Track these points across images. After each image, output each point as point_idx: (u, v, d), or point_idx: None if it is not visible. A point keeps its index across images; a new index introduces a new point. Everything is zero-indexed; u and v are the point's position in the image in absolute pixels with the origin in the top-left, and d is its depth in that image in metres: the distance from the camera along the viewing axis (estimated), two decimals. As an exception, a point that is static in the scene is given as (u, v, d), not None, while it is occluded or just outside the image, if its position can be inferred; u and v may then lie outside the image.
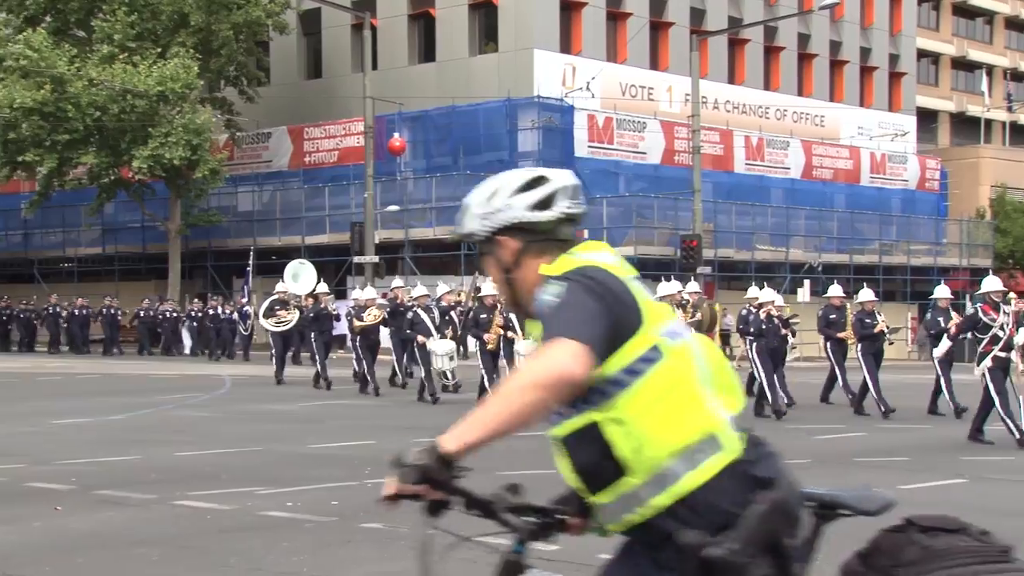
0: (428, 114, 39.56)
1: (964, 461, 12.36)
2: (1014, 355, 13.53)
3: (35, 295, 40.88)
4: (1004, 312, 13.66)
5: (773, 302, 17.31)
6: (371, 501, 9.56)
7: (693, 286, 18.25)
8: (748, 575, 2.70)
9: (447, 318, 19.53)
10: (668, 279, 20.14)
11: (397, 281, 21.87)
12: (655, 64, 43.04)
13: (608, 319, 2.76)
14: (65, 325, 38.12)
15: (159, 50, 37.40)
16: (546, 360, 2.68)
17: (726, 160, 42.48)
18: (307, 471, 10.88)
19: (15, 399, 19.59)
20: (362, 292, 22.19)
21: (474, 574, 4.80)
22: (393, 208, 36.72)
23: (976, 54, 61.16)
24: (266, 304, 23.68)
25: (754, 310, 18.53)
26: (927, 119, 57.43)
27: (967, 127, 60.26)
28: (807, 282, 37.36)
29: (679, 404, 2.79)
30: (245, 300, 34.39)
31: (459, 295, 22.07)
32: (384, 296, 22.22)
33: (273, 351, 23.34)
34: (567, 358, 2.66)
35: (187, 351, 36.92)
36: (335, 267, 38.28)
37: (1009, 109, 58.36)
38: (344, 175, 39.95)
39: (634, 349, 2.79)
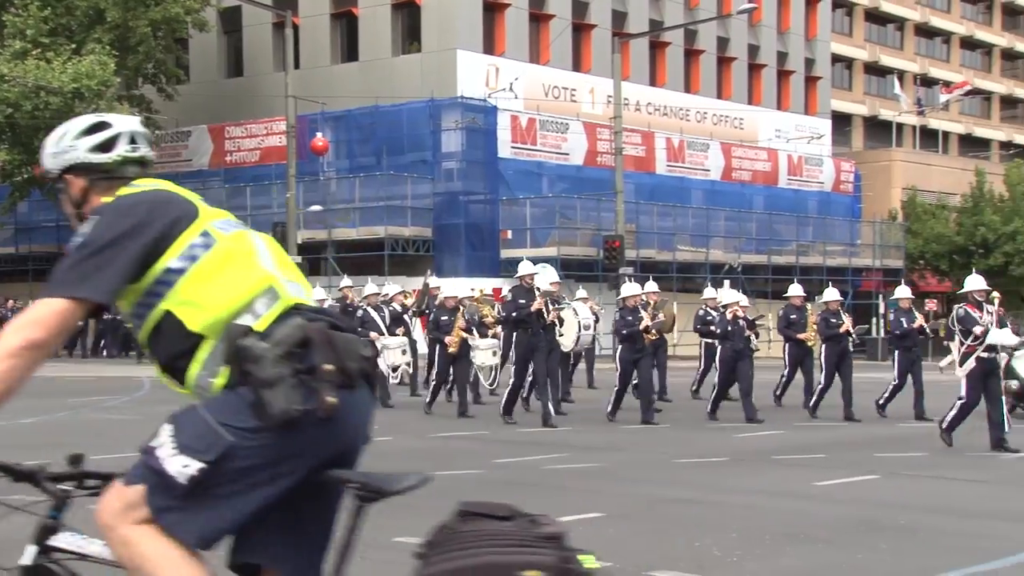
0: (351, 114, 39.33)
1: (878, 458, 12.54)
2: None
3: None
4: (988, 312, 13.23)
5: (738, 302, 16.79)
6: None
7: (652, 286, 17.79)
8: (264, 364, 2.92)
9: (397, 319, 19.02)
10: (616, 279, 19.96)
11: (346, 280, 21.14)
12: (577, 66, 43.26)
13: (139, 239, 3.04)
14: (-27, 327, 37.14)
15: (74, 46, 36.46)
16: (19, 325, 2.99)
17: (647, 161, 42.83)
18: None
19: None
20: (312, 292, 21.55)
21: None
22: (316, 208, 36.45)
23: (887, 59, 62.40)
24: None
25: (712, 311, 18.48)
26: (841, 122, 58.46)
27: (879, 130, 61.45)
28: (727, 282, 37.82)
29: (237, 272, 3.10)
30: None
31: (406, 296, 21.21)
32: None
33: None
34: (36, 326, 2.97)
35: (104, 353, 36.18)
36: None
37: (920, 113, 59.58)
38: (266, 175, 39.56)
39: (187, 238, 3.11)
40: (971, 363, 12.93)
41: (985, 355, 12.91)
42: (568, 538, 2.97)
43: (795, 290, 18.21)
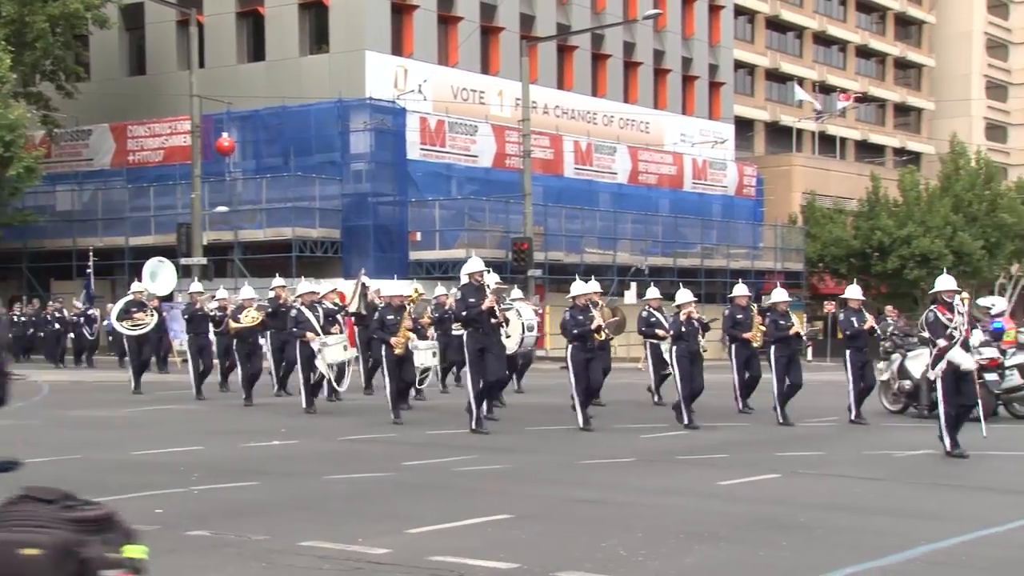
0: (258, 114, 38.84)
1: (778, 457, 12.74)
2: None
3: None
4: (959, 312, 12.71)
5: (693, 303, 16.24)
6: (198, 508, 9.36)
7: (595, 286, 17.07)
8: None
9: (331, 319, 18.14)
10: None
11: (278, 280, 20.34)
12: (486, 68, 43.28)
13: None
14: None
15: None
16: None
17: (556, 164, 43.02)
18: (129, 478, 10.49)
19: None
20: (240, 292, 20.06)
21: None
22: (222, 209, 35.90)
23: (788, 66, 63.51)
24: (120, 306, 21.47)
25: (655, 311, 18.32)
26: (744, 127, 59.30)
27: (780, 136, 62.47)
28: (634, 284, 38.17)
29: None
30: (87, 305, 32.67)
31: (337, 293, 20.37)
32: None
33: (128, 356, 21.26)
34: None
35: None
36: (161, 268, 37.32)
37: (818, 119, 60.76)
38: (170, 175, 38.81)
39: None
40: (943, 364, 12.56)
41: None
42: (114, 523, 3.13)
43: (740, 290, 17.78)
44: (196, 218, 33.08)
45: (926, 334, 14.17)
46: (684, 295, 16.24)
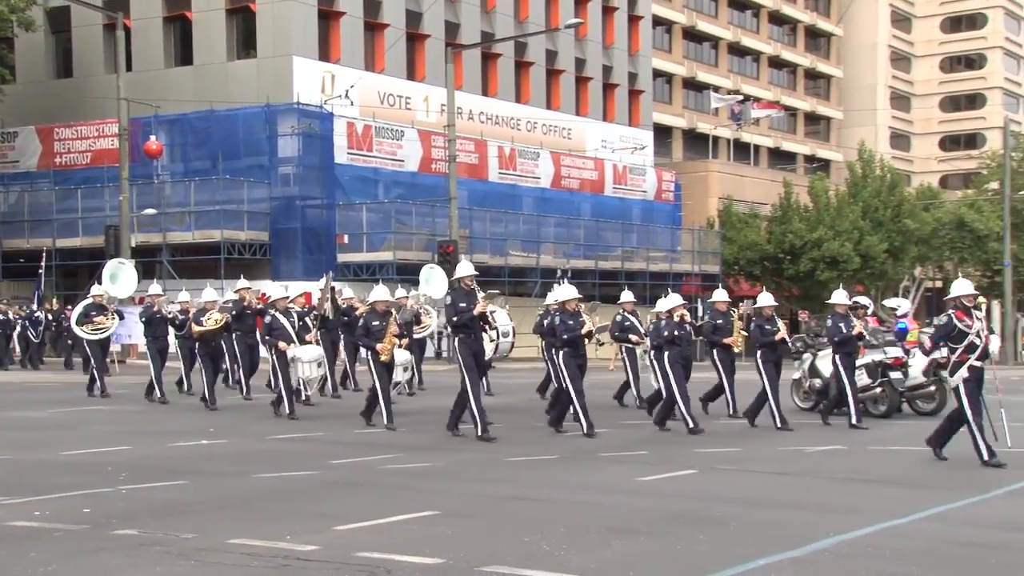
0: (186, 117, 38.31)
1: (696, 454, 12.88)
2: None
3: None
4: (977, 318, 11.98)
5: (684, 306, 15.49)
6: (126, 507, 9.22)
7: (571, 291, 15.66)
8: None
9: (303, 323, 17.12)
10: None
11: (243, 281, 19.48)
12: (412, 74, 43.16)
13: None
14: None
15: None
16: None
17: (480, 169, 43.03)
18: (58, 478, 10.32)
19: None
20: (202, 294, 19.13)
21: None
22: (150, 212, 35.35)
23: (704, 75, 64.25)
24: (80, 309, 20.61)
25: (629, 315, 17.74)
26: (662, 134, 59.85)
27: (697, 143, 63.14)
28: (556, 286, 38.25)
29: None
30: (35, 306, 31.79)
31: (304, 296, 19.75)
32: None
33: (93, 361, 20.24)
34: None
35: None
36: (89, 270, 36.65)
37: (736, 125, 61.47)
38: (98, 177, 38.19)
39: None
40: (964, 372, 11.89)
41: (978, 364, 11.95)
42: None
43: (720, 295, 17.32)
44: (124, 220, 32.53)
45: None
46: (674, 299, 15.44)
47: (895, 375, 17.46)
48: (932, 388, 17.73)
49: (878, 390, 17.76)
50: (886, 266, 51.08)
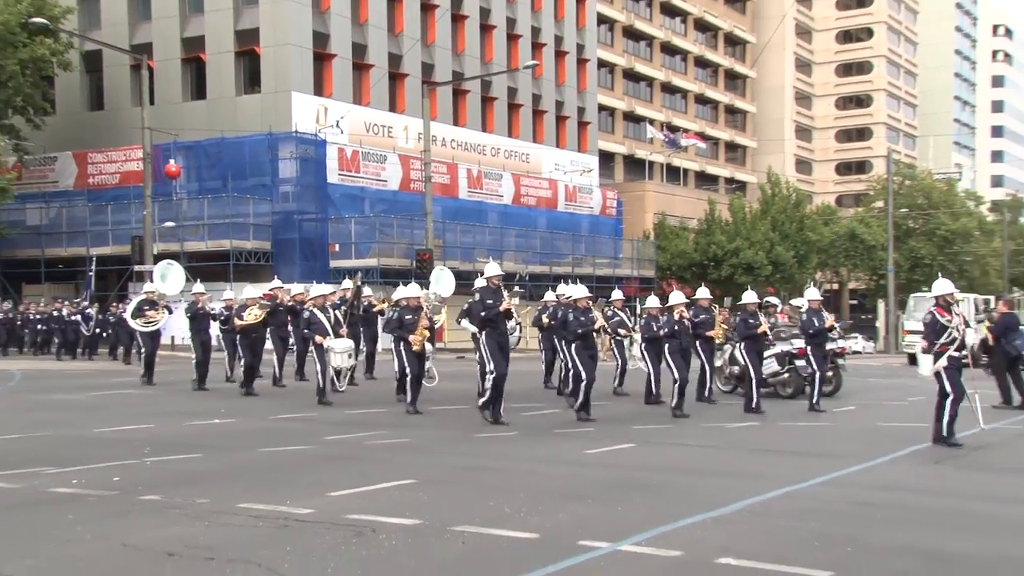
0: (200, 144, 38.04)
1: (635, 430, 12.84)
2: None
3: None
4: (955, 313, 11.60)
5: (681, 303, 15.06)
6: (149, 476, 9.12)
7: (582, 290, 14.97)
8: None
9: (336, 318, 16.32)
10: (406, 284, 16.26)
11: (276, 281, 18.89)
12: (393, 107, 43.05)
13: None
14: None
15: None
16: None
17: (452, 188, 42.98)
18: (91, 452, 10.20)
19: None
20: (243, 291, 18.53)
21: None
22: (169, 224, 35.06)
23: (641, 109, 64.51)
24: (134, 304, 20.04)
25: (618, 311, 17.30)
26: (606, 159, 60.05)
27: (635, 166, 63.42)
28: (517, 288, 38.22)
29: None
30: (86, 303, 31.12)
31: (343, 293, 19.15)
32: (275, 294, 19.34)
33: (144, 350, 19.45)
34: None
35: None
36: (117, 275, 36.42)
37: (669, 148, 61.75)
38: (125, 195, 37.93)
39: None
40: (943, 362, 11.43)
41: (956, 354, 11.45)
42: None
43: (701, 293, 16.56)
44: (148, 232, 32.24)
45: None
46: (677, 296, 15.06)
47: (800, 363, 17.58)
48: (786, 375, 17.95)
49: (786, 375, 17.90)
50: (793, 271, 51.55)
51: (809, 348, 15.75)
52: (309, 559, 5.99)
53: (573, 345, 13.87)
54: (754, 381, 15.34)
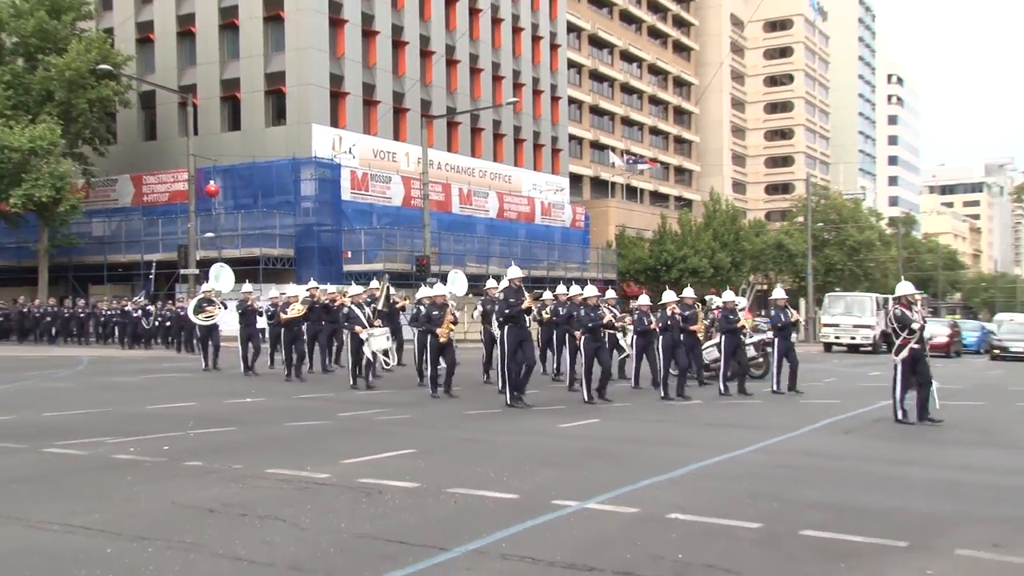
0: (235, 168, 37.86)
1: (599, 408, 12.78)
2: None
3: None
4: (916, 311, 11.31)
5: (674, 302, 14.53)
6: (193, 446, 9.04)
7: (592, 289, 14.15)
8: None
9: (372, 313, 15.73)
10: (431, 285, 16.23)
11: (312, 282, 18.50)
12: (397, 136, 42.93)
13: None
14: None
15: (30, 117, 34.65)
16: None
17: (446, 204, 42.90)
18: (145, 425, 10.13)
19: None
20: (287, 289, 18.07)
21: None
22: (209, 235, 34.92)
23: (604, 139, 64.57)
24: (195, 302, 19.45)
25: (612, 308, 16.52)
26: (576, 180, 60.07)
27: (600, 186, 63.48)
28: (574, 285, 37.81)
29: None
30: (146, 300, 30.44)
31: (373, 292, 18.70)
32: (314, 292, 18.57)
33: (208, 341, 18.88)
34: None
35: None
36: (166, 277, 36.21)
37: (630, 169, 61.81)
38: (173, 210, 37.78)
39: None
40: (905, 352, 11.20)
41: (916, 346, 11.21)
42: None
43: (688, 292, 15.69)
44: (191, 241, 32.07)
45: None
46: (669, 295, 14.62)
47: (770, 349, 17.49)
48: (760, 359, 17.98)
49: (760, 359, 18.00)
50: (731, 274, 51.70)
51: (776, 340, 15.28)
52: (326, 515, 5.96)
53: (583, 339, 13.20)
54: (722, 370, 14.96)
